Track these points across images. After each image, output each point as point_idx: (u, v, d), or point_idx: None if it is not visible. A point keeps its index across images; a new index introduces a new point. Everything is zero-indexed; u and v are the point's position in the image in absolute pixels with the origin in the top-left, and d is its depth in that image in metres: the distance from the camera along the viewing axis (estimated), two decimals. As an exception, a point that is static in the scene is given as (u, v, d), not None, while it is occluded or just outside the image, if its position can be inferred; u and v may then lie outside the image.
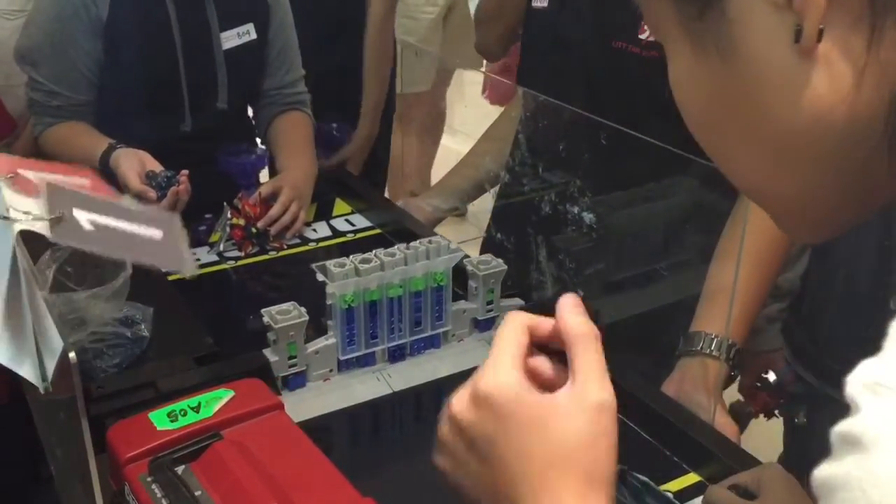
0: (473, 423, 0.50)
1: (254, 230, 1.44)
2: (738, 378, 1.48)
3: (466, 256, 1.15)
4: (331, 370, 1.09)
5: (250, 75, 1.62)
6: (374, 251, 1.09)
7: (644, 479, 0.83)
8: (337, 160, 1.76)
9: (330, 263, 1.06)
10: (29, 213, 0.74)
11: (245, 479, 0.76)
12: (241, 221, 1.44)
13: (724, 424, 0.98)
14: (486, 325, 1.18)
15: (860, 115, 0.42)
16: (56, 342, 0.63)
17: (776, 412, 1.42)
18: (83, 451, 0.67)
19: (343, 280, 1.06)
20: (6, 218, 0.76)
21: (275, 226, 1.46)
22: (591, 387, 0.50)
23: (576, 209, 1.22)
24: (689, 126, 0.49)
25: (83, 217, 0.65)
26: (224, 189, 1.48)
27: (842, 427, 0.35)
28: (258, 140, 1.72)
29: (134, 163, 1.40)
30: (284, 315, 1.04)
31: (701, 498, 0.89)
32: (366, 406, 1.07)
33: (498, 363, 0.51)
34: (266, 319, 1.04)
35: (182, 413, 0.85)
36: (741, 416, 1.41)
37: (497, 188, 1.46)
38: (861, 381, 0.35)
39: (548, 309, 0.53)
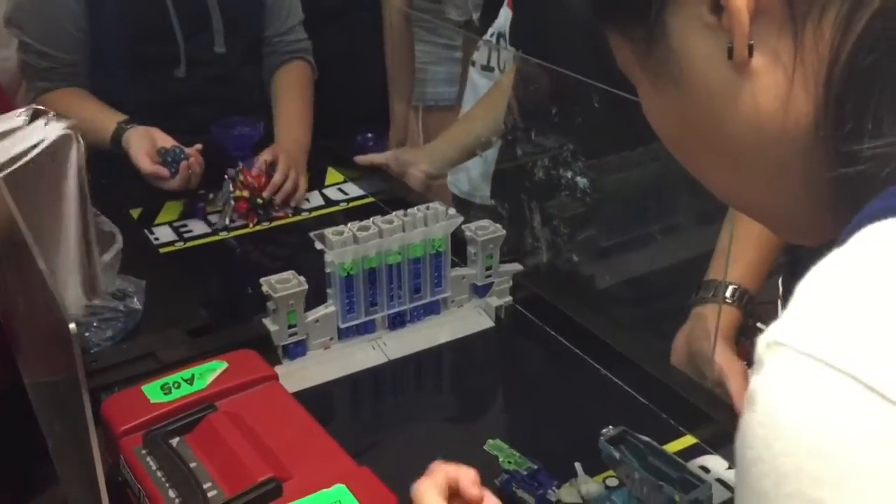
0: None
1: (259, 201, 1.43)
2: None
3: (465, 222, 1.14)
4: (331, 338, 1.09)
5: (248, 18, 1.58)
6: (371, 218, 1.08)
7: (646, 440, 0.83)
8: (367, 162, 1.59)
9: (328, 231, 1.06)
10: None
11: (240, 450, 0.76)
12: (245, 193, 1.43)
13: (724, 362, 0.96)
14: (484, 291, 1.17)
15: (795, 124, 0.43)
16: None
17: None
18: (83, 424, 0.67)
19: (342, 248, 1.05)
20: None
21: (279, 194, 1.45)
22: None
23: (569, 174, 1.21)
24: (668, 148, 0.53)
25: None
26: (217, 161, 1.46)
27: (748, 387, 0.35)
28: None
29: (144, 143, 1.39)
30: (284, 284, 1.03)
31: (698, 459, 0.89)
32: (367, 373, 1.07)
33: None
34: (265, 289, 1.03)
35: (175, 385, 0.85)
36: None
37: (493, 155, 1.45)
38: (765, 341, 0.35)
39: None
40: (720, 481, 0.86)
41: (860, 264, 0.35)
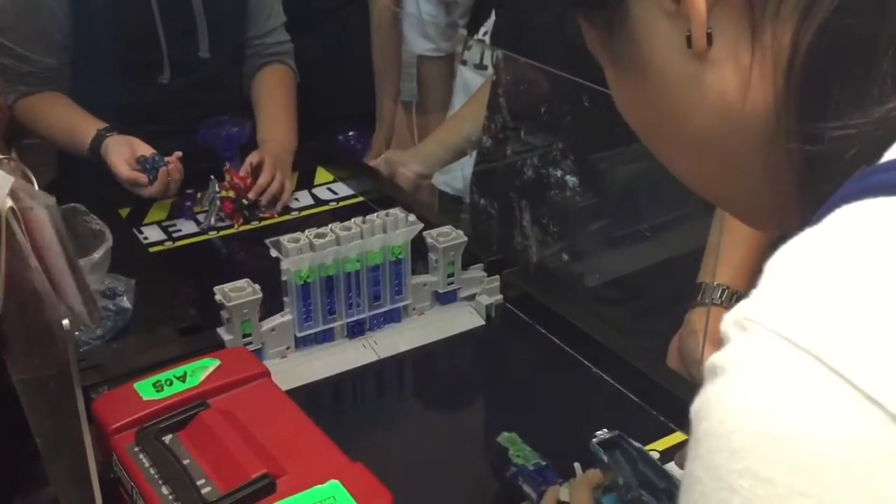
0: None
1: (245, 201, 1.43)
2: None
3: (426, 229, 1.13)
4: (288, 347, 1.07)
5: (232, 23, 1.58)
6: (329, 225, 1.06)
7: (638, 446, 0.83)
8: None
9: (284, 239, 1.04)
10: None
11: (233, 447, 0.76)
12: (231, 193, 1.42)
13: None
14: (446, 298, 1.15)
15: (755, 111, 0.43)
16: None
17: None
18: (75, 422, 0.67)
19: (297, 255, 1.03)
20: None
21: (265, 195, 1.44)
22: None
23: (559, 172, 1.22)
24: (637, 134, 0.52)
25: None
26: (203, 160, 1.46)
27: (710, 359, 0.35)
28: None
29: (123, 150, 1.38)
30: (238, 292, 1.01)
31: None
32: (356, 371, 1.07)
33: None
34: (218, 297, 1.01)
35: (168, 383, 0.84)
36: None
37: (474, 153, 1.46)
38: (732, 317, 0.35)
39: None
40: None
41: (834, 243, 0.35)
